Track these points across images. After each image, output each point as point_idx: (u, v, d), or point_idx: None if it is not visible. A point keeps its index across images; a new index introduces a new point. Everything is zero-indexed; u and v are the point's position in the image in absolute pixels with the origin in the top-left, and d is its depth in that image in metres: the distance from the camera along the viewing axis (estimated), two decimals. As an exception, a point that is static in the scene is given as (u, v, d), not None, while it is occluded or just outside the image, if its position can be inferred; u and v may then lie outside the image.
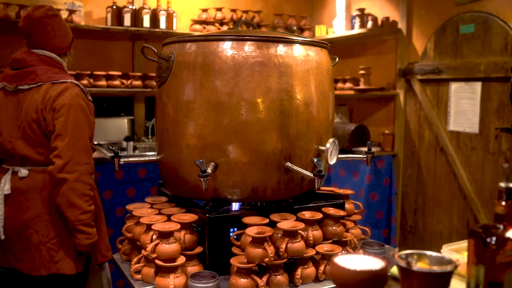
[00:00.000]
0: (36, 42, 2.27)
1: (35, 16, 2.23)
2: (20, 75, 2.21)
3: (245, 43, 1.69)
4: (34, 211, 2.16)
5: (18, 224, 2.17)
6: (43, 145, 2.17)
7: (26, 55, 2.25)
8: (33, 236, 2.15)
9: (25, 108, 2.16)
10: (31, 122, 2.14)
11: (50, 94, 2.14)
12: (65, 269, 2.17)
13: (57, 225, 2.17)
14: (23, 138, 2.16)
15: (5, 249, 2.23)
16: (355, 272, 0.77)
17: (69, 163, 2.06)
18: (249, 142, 1.68)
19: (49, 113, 2.12)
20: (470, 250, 0.93)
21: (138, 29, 4.31)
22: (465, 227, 3.84)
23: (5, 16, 3.75)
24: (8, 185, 2.17)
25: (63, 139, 2.08)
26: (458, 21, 3.81)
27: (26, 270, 2.17)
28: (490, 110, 3.61)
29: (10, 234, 2.18)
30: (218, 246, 1.68)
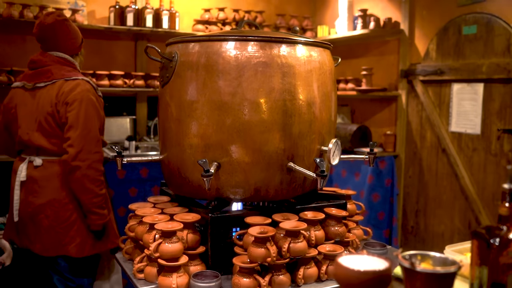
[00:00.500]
0: (50, 45, 2.51)
1: (46, 22, 2.48)
2: (37, 74, 2.46)
3: (248, 43, 1.69)
4: (45, 198, 2.38)
5: (31, 209, 2.39)
6: (56, 136, 2.40)
7: (42, 56, 2.50)
8: (44, 220, 2.38)
9: (41, 103, 2.40)
10: (46, 115, 2.38)
11: (63, 90, 2.38)
12: (71, 252, 2.39)
13: (65, 211, 2.39)
14: (39, 130, 2.39)
15: (20, 231, 2.46)
16: (359, 272, 0.77)
17: (81, 152, 2.31)
18: (252, 142, 1.68)
19: (62, 106, 2.36)
20: (474, 251, 0.94)
21: (140, 29, 4.32)
22: (466, 228, 3.84)
23: (8, 16, 3.76)
24: (24, 172, 2.41)
25: (76, 130, 2.32)
26: (460, 22, 3.82)
27: (37, 250, 2.40)
28: (492, 111, 3.61)
29: (24, 218, 2.41)
30: (221, 245, 1.68)
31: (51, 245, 2.39)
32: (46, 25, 2.48)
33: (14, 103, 2.49)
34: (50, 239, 2.38)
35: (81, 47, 2.62)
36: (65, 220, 2.39)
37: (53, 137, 2.40)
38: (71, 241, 2.39)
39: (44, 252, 2.40)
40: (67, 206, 2.40)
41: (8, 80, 3.80)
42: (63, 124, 2.36)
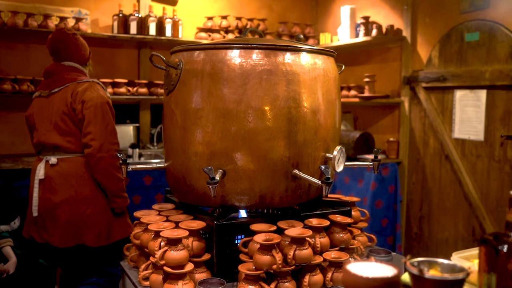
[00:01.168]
0: (61, 56, 2.74)
1: (57, 37, 2.73)
2: (52, 81, 2.70)
3: (253, 51, 1.70)
4: (62, 194, 2.58)
5: (49, 205, 2.58)
6: (71, 134, 2.62)
7: (55, 66, 2.74)
8: (62, 215, 2.57)
9: (56, 105, 2.63)
10: (62, 115, 2.60)
11: (77, 90, 2.61)
12: (88, 242, 2.60)
13: (81, 206, 2.60)
14: (54, 130, 2.62)
15: (39, 227, 2.63)
16: (367, 279, 0.78)
17: (104, 143, 2.57)
18: (257, 149, 1.69)
19: (78, 104, 2.58)
20: (481, 258, 0.94)
21: (144, 37, 4.34)
22: (470, 235, 3.83)
23: (13, 24, 3.79)
24: (43, 171, 2.61)
25: (95, 125, 2.57)
26: (463, 29, 3.83)
27: (56, 243, 2.58)
28: (495, 118, 3.61)
29: (43, 213, 2.60)
30: (226, 253, 1.68)
31: (69, 237, 2.58)
32: (58, 39, 2.72)
33: (32, 111, 2.74)
34: (68, 232, 2.58)
35: (89, 58, 2.87)
36: (81, 214, 2.59)
37: (68, 135, 2.62)
38: (87, 232, 2.60)
39: (62, 243, 2.58)
40: (82, 201, 2.60)
41: (12, 89, 3.82)
42: (80, 120, 2.59)
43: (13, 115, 4.16)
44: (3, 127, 4.13)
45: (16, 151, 4.16)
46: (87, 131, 2.56)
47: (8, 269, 2.69)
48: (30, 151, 4.14)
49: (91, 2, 4.42)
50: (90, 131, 2.56)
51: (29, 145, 4.12)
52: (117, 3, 4.39)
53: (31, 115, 2.74)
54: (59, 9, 4.21)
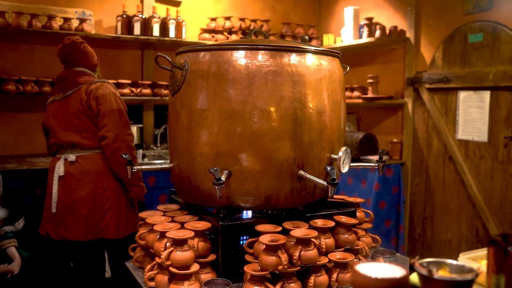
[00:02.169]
0: (72, 63, 2.89)
1: (67, 46, 2.87)
2: (65, 85, 2.84)
3: (258, 52, 1.70)
4: (83, 190, 2.71)
5: (70, 201, 2.70)
6: (88, 130, 2.77)
7: (67, 72, 2.89)
8: (83, 210, 2.70)
9: (71, 105, 2.78)
10: (77, 113, 2.76)
11: (90, 88, 2.78)
12: (109, 234, 2.74)
13: (101, 200, 2.74)
14: (71, 128, 2.76)
15: (56, 224, 2.73)
16: (376, 279, 0.78)
17: (119, 134, 2.72)
18: (263, 150, 1.69)
19: (93, 101, 2.74)
20: (490, 259, 0.94)
21: (147, 38, 4.35)
22: (474, 236, 3.83)
23: (17, 25, 3.80)
24: (62, 168, 2.72)
25: (110, 117, 2.72)
26: (466, 30, 3.83)
27: (76, 238, 2.70)
28: (499, 119, 3.61)
29: (62, 209, 2.71)
30: (231, 253, 1.68)
31: (90, 230, 2.71)
32: (67, 47, 2.86)
33: (48, 115, 2.88)
34: (89, 225, 2.71)
35: (97, 64, 3.01)
36: (101, 207, 2.73)
37: (84, 132, 2.77)
38: (107, 225, 2.74)
39: (84, 237, 2.71)
40: (102, 195, 2.74)
41: (16, 89, 3.83)
42: (95, 115, 2.75)
43: (17, 116, 4.17)
44: (7, 127, 4.14)
45: (20, 152, 4.17)
46: (103, 124, 2.72)
47: (12, 270, 2.70)
48: (34, 152, 4.16)
49: (95, 3, 4.43)
50: (105, 123, 2.72)
51: (34, 146, 4.16)
52: (121, 4, 4.40)
53: (47, 119, 2.87)
54: (63, 10, 4.22)
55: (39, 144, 4.16)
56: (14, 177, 3.40)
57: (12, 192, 3.23)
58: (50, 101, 2.92)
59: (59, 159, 2.78)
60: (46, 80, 3.96)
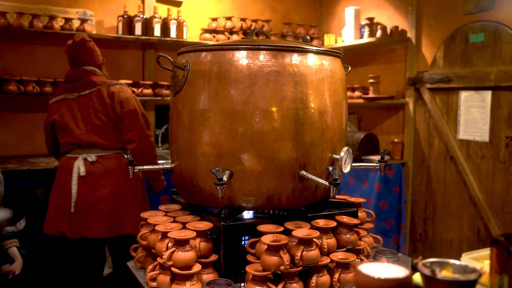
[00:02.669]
0: (81, 61, 2.92)
1: (78, 43, 2.90)
2: (79, 85, 2.87)
3: (260, 52, 1.70)
4: (106, 189, 2.78)
5: (92, 200, 2.76)
6: (109, 131, 2.84)
7: (78, 71, 2.91)
8: (106, 208, 2.77)
9: (91, 106, 2.82)
10: (99, 114, 2.81)
11: (111, 91, 2.84)
12: (131, 230, 2.81)
13: (123, 198, 2.83)
14: (92, 129, 2.81)
15: (74, 223, 2.76)
16: (379, 280, 0.78)
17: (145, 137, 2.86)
18: (264, 150, 1.69)
19: (117, 104, 2.82)
20: (493, 259, 0.94)
21: (149, 38, 4.35)
22: (475, 236, 3.83)
23: (18, 26, 3.80)
24: (83, 168, 2.76)
25: (136, 120, 2.84)
26: (467, 30, 3.82)
27: (98, 235, 2.77)
28: (500, 119, 3.61)
29: (82, 208, 2.75)
30: (233, 254, 1.68)
31: (113, 227, 2.79)
32: (77, 45, 2.89)
33: (61, 113, 2.86)
34: (112, 223, 2.78)
35: (103, 63, 3.05)
36: (124, 205, 2.82)
37: (105, 133, 2.83)
38: (129, 222, 2.82)
39: (107, 234, 2.78)
40: (124, 194, 2.83)
41: (18, 89, 3.83)
42: (118, 119, 2.83)
43: (18, 116, 4.17)
44: (9, 128, 4.14)
45: (21, 152, 4.17)
46: (129, 128, 2.83)
47: (14, 270, 2.70)
48: (35, 152, 4.16)
49: (96, 3, 4.43)
50: (131, 127, 2.83)
51: (35, 146, 4.16)
52: (122, 4, 4.40)
53: (61, 118, 2.86)
54: (64, 10, 4.23)
55: (40, 145, 4.15)
56: (15, 177, 3.40)
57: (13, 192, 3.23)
58: (59, 99, 2.91)
59: (75, 159, 2.80)
60: (47, 81, 3.96)
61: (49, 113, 2.94)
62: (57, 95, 2.94)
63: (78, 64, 2.93)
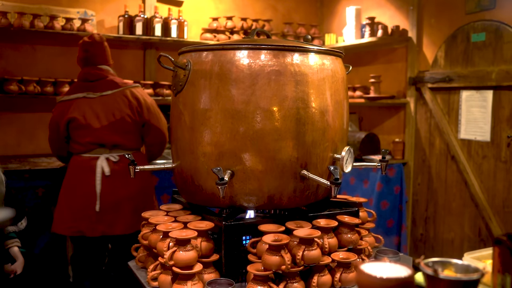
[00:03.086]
0: (97, 60, 2.94)
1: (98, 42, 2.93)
2: (100, 84, 2.90)
3: (261, 52, 1.70)
4: (130, 188, 2.84)
5: (115, 198, 2.81)
6: (131, 132, 2.90)
7: (97, 70, 2.93)
8: (130, 206, 2.83)
9: (116, 108, 2.86)
10: (125, 116, 2.86)
11: (136, 94, 2.93)
12: None
13: (145, 195, 2.92)
14: (116, 129, 2.84)
15: (94, 222, 2.79)
16: (381, 279, 0.78)
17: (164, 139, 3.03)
18: (266, 150, 1.69)
19: (144, 108, 2.92)
20: (495, 259, 0.93)
21: (149, 38, 4.35)
22: (476, 236, 3.82)
23: (19, 26, 3.80)
24: (107, 168, 2.80)
25: (159, 122, 2.99)
26: (469, 30, 3.82)
27: (120, 231, 2.82)
28: (501, 118, 3.61)
29: (105, 207, 2.79)
30: (234, 253, 1.68)
31: (135, 223, 2.81)
32: (97, 43, 2.93)
33: (82, 112, 2.84)
34: (133, 219, 2.82)
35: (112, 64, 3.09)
36: (145, 201, 2.91)
37: (128, 134, 2.88)
38: None
39: (129, 230, 2.84)
40: (144, 191, 2.93)
41: (19, 89, 3.83)
42: (143, 122, 2.93)
43: (19, 116, 4.17)
44: (10, 128, 4.14)
45: (22, 152, 4.17)
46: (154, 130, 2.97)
47: (15, 270, 2.70)
48: (36, 152, 4.16)
49: (97, 3, 4.43)
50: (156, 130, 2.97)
51: (36, 146, 4.16)
52: (123, 4, 4.40)
53: (83, 116, 2.83)
54: (65, 10, 4.23)
55: (41, 144, 4.16)
56: (16, 177, 3.40)
57: (14, 192, 3.23)
58: (78, 96, 2.88)
59: (96, 159, 2.82)
60: (48, 80, 3.96)
61: (63, 111, 2.88)
62: (73, 93, 2.91)
63: (93, 63, 2.94)
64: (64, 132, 2.89)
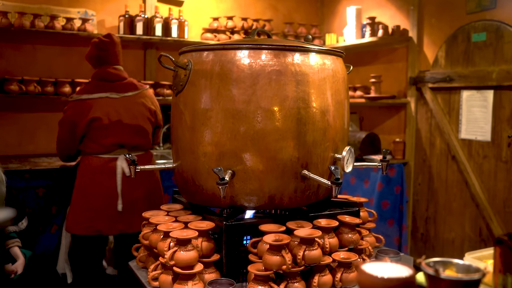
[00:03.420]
0: (113, 60, 2.93)
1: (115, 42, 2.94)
2: (123, 85, 2.91)
3: (262, 51, 1.70)
4: (146, 187, 2.91)
5: (133, 197, 2.85)
6: (149, 134, 2.96)
7: (116, 70, 2.93)
8: (144, 204, 2.86)
9: (137, 110, 2.90)
10: (146, 119, 2.93)
11: (151, 98, 3.03)
12: None
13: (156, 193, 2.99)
14: (138, 132, 2.89)
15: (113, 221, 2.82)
16: (383, 279, 0.77)
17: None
18: (266, 150, 1.69)
19: (158, 111, 3.04)
20: (497, 259, 0.93)
21: (150, 38, 4.35)
22: (477, 236, 3.82)
23: (20, 25, 3.80)
24: (127, 168, 2.82)
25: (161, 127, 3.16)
26: (469, 30, 3.82)
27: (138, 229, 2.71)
28: (502, 118, 3.60)
29: (124, 206, 2.82)
30: (235, 253, 1.68)
31: None
32: (115, 42, 2.94)
33: (106, 112, 2.81)
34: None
35: None
36: (155, 200, 2.95)
37: (146, 135, 2.94)
38: None
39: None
40: (155, 190, 2.99)
41: (19, 89, 3.83)
42: (158, 124, 3.04)
43: (19, 116, 4.17)
44: (10, 128, 4.14)
45: (22, 152, 4.17)
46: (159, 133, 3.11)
47: (16, 269, 2.70)
48: (36, 152, 4.16)
49: (97, 3, 4.43)
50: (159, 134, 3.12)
51: (36, 146, 4.16)
52: (123, 4, 4.40)
53: (107, 117, 2.80)
54: (65, 10, 4.23)
55: (42, 144, 4.16)
56: (17, 177, 3.40)
57: (15, 192, 3.23)
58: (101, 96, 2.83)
59: (115, 159, 2.83)
60: (49, 80, 3.96)
61: (83, 110, 2.80)
62: (94, 92, 2.84)
63: (106, 62, 2.91)
64: (82, 132, 2.81)
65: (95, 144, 2.82)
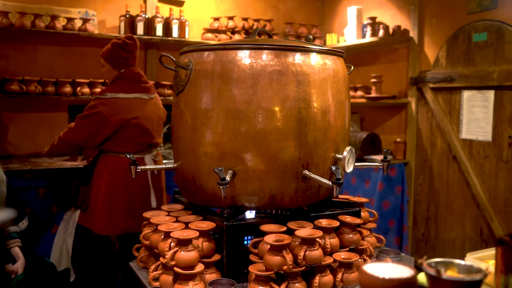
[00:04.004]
0: (133, 62, 3.00)
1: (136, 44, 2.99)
2: (149, 88, 3.02)
3: (263, 52, 1.70)
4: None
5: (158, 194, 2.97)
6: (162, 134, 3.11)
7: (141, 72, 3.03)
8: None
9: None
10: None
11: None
12: None
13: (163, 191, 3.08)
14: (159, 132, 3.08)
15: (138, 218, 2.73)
16: (384, 280, 0.77)
17: None
18: (267, 150, 1.69)
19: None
20: (498, 259, 0.93)
21: (151, 38, 4.34)
22: (478, 236, 3.82)
23: (20, 25, 3.80)
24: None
25: None
26: (470, 30, 3.81)
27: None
28: (503, 118, 3.60)
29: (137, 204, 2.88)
30: (236, 253, 1.68)
31: None
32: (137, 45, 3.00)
33: (142, 113, 2.91)
34: None
35: None
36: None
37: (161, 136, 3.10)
38: None
39: None
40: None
41: (20, 89, 3.83)
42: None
43: (20, 116, 4.17)
44: (11, 128, 4.14)
45: (23, 152, 4.17)
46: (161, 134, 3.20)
47: (17, 270, 2.70)
48: (37, 152, 4.16)
49: (98, 3, 4.43)
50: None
51: (37, 146, 4.15)
52: (124, 4, 4.40)
53: (144, 117, 2.92)
54: (66, 10, 4.22)
55: (42, 144, 4.15)
56: (18, 177, 3.40)
57: (15, 192, 3.23)
58: (136, 96, 2.92)
59: (143, 158, 2.95)
60: (50, 80, 3.96)
61: (118, 108, 2.85)
62: (129, 92, 2.90)
63: (129, 65, 2.98)
64: (113, 129, 2.82)
65: (126, 142, 2.88)
